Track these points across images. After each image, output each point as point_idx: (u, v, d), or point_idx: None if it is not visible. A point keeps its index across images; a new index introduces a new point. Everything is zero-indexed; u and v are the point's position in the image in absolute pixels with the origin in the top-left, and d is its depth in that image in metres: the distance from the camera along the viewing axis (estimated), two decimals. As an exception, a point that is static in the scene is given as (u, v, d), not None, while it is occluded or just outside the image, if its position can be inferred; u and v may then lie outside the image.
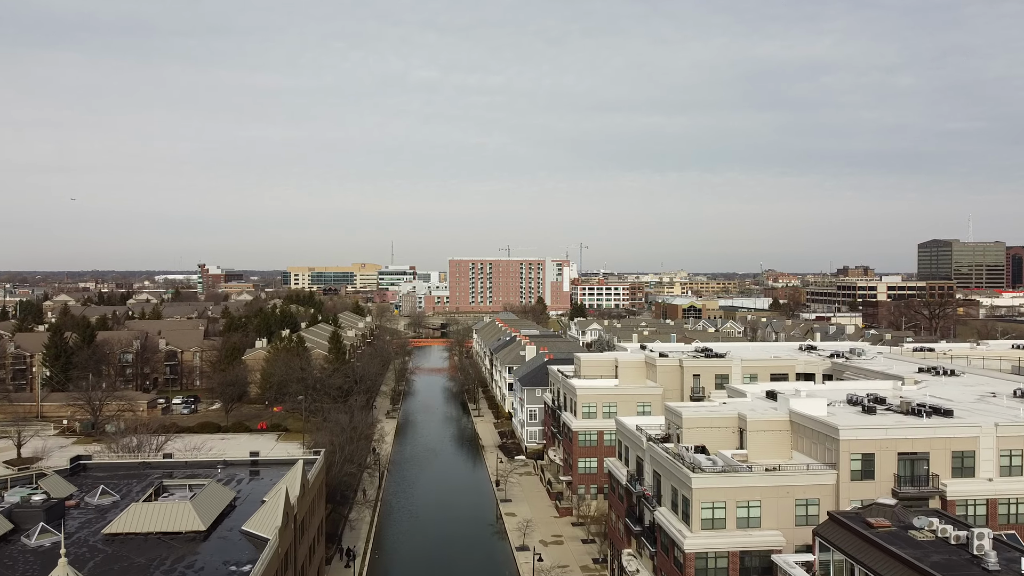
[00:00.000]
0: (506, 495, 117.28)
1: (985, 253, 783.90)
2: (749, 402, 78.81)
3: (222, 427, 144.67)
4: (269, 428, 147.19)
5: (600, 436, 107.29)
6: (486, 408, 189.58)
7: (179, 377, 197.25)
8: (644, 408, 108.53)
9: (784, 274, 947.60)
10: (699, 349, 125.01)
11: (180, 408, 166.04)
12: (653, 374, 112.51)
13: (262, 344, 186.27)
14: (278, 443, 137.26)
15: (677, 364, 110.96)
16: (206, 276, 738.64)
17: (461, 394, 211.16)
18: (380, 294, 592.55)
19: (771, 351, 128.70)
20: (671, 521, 64.68)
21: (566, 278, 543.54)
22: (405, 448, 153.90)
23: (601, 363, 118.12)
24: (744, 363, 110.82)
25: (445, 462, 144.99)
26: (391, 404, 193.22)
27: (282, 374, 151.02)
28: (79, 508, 67.68)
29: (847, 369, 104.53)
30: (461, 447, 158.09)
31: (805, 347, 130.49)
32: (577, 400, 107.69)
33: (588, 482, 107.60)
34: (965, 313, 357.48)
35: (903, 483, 62.74)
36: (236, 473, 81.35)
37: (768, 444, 69.82)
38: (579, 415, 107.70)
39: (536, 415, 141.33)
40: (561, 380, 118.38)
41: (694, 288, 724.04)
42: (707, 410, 73.95)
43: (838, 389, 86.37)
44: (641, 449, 76.22)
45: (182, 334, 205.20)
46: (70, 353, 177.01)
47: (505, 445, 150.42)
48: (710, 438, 70.99)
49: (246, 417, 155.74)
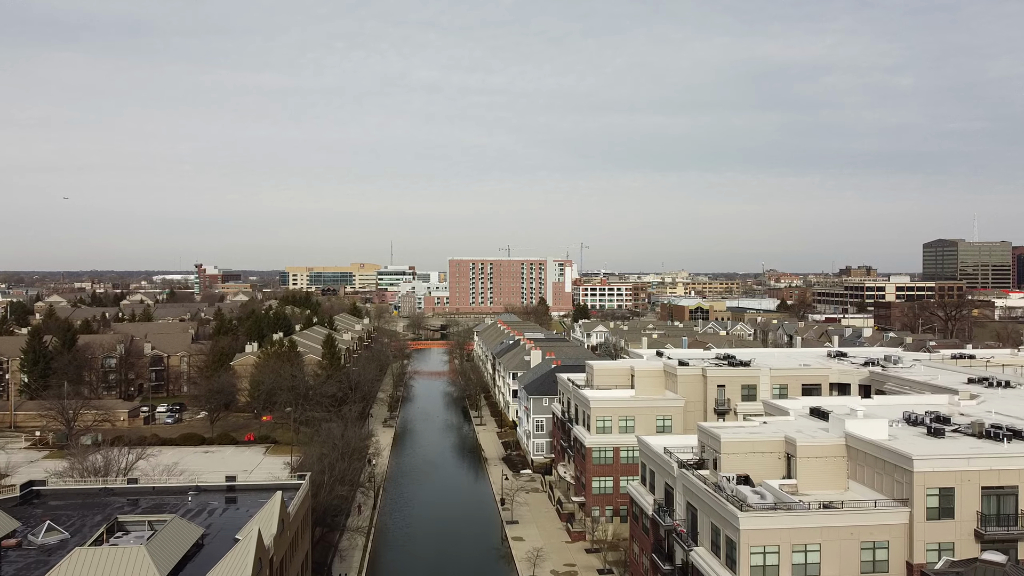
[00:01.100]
0: (512, 516, 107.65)
1: (991, 253, 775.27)
2: (793, 422, 69.24)
3: (206, 439, 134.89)
4: (257, 440, 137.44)
5: (616, 453, 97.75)
6: (488, 416, 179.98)
7: (165, 383, 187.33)
8: (664, 422, 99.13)
9: (786, 274, 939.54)
10: (721, 356, 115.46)
11: (164, 417, 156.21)
12: (673, 384, 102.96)
13: (252, 348, 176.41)
14: (265, 457, 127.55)
15: (699, 374, 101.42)
16: (203, 276, 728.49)
17: (462, 400, 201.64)
18: (379, 295, 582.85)
19: (797, 358, 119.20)
20: (711, 566, 55.10)
21: (568, 278, 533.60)
22: (403, 460, 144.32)
23: (615, 372, 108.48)
24: (773, 373, 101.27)
25: (446, 477, 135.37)
26: (389, 411, 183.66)
27: (271, 382, 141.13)
28: (19, 549, 58.14)
29: (888, 380, 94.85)
30: (462, 459, 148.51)
31: (834, 354, 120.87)
32: (591, 414, 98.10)
33: (603, 503, 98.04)
34: (979, 314, 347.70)
35: (987, 523, 53.17)
36: (209, 501, 71.75)
37: (821, 473, 60.26)
38: (593, 430, 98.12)
39: (543, 426, 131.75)
40: (572, 390, 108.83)
41: (697, 288, 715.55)
42: (748, 432, 64.34)
43: (888, 405, 76.74)
44: (670, 476, 66.66)
45: (169, 338, 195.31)
46: (49, 358, 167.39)
47: (510, 458, 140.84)
48: (753, 465, 61.43)
49: (233, 427, 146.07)
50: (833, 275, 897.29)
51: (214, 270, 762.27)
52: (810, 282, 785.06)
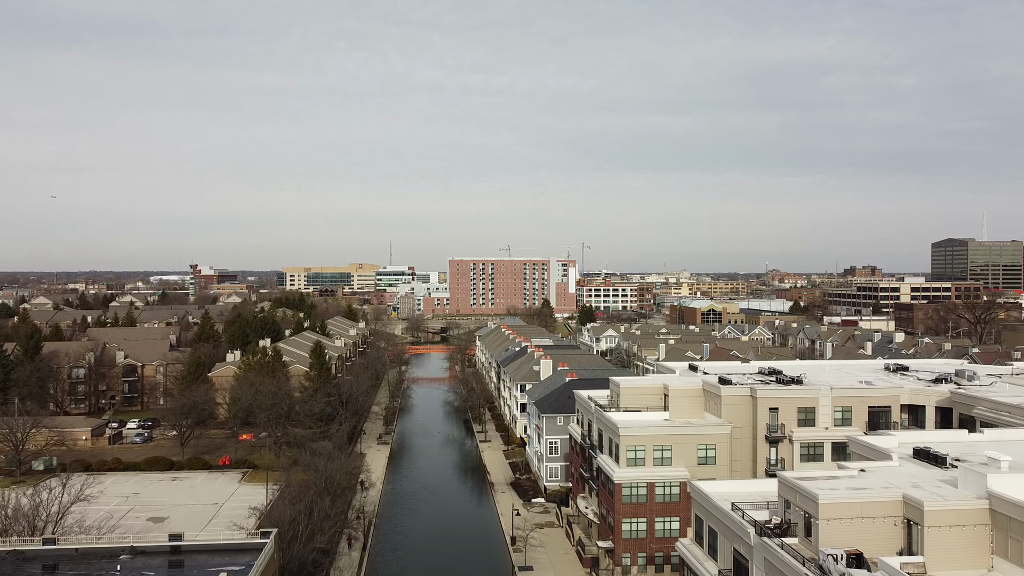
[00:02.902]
0: (525, 559, 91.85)
1: (1002, 252, 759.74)
2: (898, 468, 53.57)
3: (175, 463, 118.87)
4: (233, 464, 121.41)
5: (651, 490, 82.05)
6: (493, 431, 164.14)
7: (140, 396, 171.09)
8: (707, 452, 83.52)
9: (790, 274, 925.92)
10: (765, 371, 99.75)
11: (134, 435, 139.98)
12: (715, 406, 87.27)
13: (234, 357, 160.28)
14: (241, 485, 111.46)
15: (747, 394, 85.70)
16: (198, 277, 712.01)
17: (464, 411, 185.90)
18: (377, 295, 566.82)
19: (851, 372, 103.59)
20: None
21: (571, 279, 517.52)
22: (399, 485, 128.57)
23: (646, 391, 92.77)
24: (835, 393, 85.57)
25: (447, 506, 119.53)
26: (384, 425, 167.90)
27: (248, 398, 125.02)
28: None
29: (977, 403, 78.95)
30: (465, 483, 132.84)
31: (893, 368, 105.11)
32: (620, 443, 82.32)
33: (635, 549, 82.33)
34: (1005, 316, 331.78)
35: None
36: (146, 571, 56.02)
37: (956, 547, 44.54)
38: (623, 462, 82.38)
39: (558, 449, 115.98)
40: (595, 412, 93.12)
41: (702, 289, 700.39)
42: (848, 487, 48.56)
43: (1003, 441, 61.06)
44: (743, 542, 50.99)
45: (145, 345, 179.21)
46: (9, 368, 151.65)
47: (519, 483, 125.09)
48: (861, 535, 45.73)
49: (208, 448, 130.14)
50: (838, 275, 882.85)
51: (210, 270, 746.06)
52: (814, 282, 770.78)
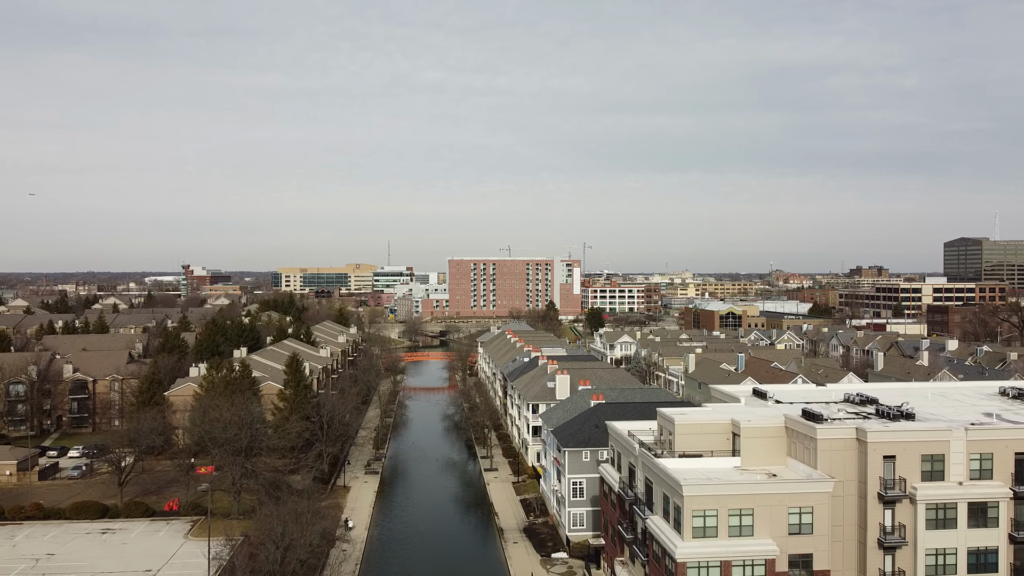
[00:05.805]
0: (549, 651, 69.51)
1: (1017, 252, 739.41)
2: None
3: (109, 510, 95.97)
4: (183, 508, 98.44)
5: (726, 571, 59.66)
6: (500, 456, 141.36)
7: (91, 416, 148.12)
8: (801, 517, 60.97)
9: (794, 275, 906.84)
10: (855, 399, 77.50)
11: (71, 468, 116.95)
12: (805, 451, 64.82)
13: (199, 372, 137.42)
14: (186, 542, 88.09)
15: (852, 436, 63.27)
16: (190, 277, 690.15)
17: (466, 428, 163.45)
18: (375, 297, 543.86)
19: (957, 396, 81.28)
20: None
21: (576, 280, 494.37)
22: (387, 528, 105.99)
23: (709, 429, 70.28)
24: (971, 435, 63.15)
25: (445, 561, 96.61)
26: (374, 449, 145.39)
27: (202, 427, 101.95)
28: None
29: None
30: (468, 526, 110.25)
31: (1014, 393, 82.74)
32: (684, 507, 59.88)
33: (703, 652, 59.91)
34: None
35: None
36: None
37: None
38: (687, 531, 59.95)
39: (583, 491, 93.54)
40: (640, 456, 70.67)
41: (708, 290, 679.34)
42: None
43: None
44: None
45: (102, 356, 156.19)
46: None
47: (534, 528, 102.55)
48: None
49: (157, 485, 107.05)
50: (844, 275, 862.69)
51: (202, 271, 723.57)
52: (820, 282, 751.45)
